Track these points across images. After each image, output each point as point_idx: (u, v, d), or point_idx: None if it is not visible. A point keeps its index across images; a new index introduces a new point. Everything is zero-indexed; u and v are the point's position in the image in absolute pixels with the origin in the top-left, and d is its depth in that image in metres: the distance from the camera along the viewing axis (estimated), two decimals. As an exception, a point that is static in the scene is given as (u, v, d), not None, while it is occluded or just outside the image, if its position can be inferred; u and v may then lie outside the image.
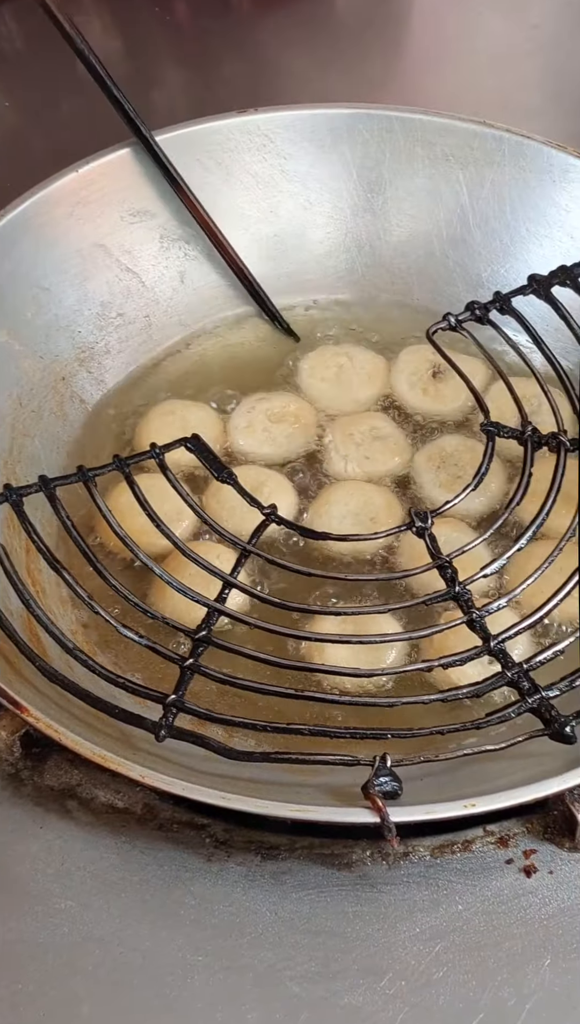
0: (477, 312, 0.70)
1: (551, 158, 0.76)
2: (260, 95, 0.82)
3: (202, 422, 0.70)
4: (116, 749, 0.51)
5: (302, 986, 0.48)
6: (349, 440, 0.70)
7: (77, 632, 0.61)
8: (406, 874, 0.52)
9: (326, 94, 0.96)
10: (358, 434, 0.70)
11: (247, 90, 0.96)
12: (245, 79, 0.99)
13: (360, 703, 0.55)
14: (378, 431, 0.71)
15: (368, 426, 0.71)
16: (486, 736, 0.54)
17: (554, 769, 0.51)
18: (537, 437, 0.64)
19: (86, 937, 0.50)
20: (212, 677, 0.54)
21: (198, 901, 0.51)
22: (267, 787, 0.52)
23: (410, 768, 0.50)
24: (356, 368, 0.74)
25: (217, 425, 0.71)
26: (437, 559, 0.58)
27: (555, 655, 0.55)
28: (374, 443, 0.70)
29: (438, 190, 0.79)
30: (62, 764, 0.55)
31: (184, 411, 0.71)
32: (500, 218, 0.78)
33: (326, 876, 0.52)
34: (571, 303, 0.70)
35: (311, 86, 0.99)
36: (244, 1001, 0.48)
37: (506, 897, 0.51)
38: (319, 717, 0.57)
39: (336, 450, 0.70)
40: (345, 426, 0.71)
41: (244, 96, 0.83)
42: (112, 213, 0.75)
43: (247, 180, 0.78)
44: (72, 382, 0.72)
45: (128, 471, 0.61)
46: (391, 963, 0.49)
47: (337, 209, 0.80)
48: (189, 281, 0.77)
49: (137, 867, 0.52)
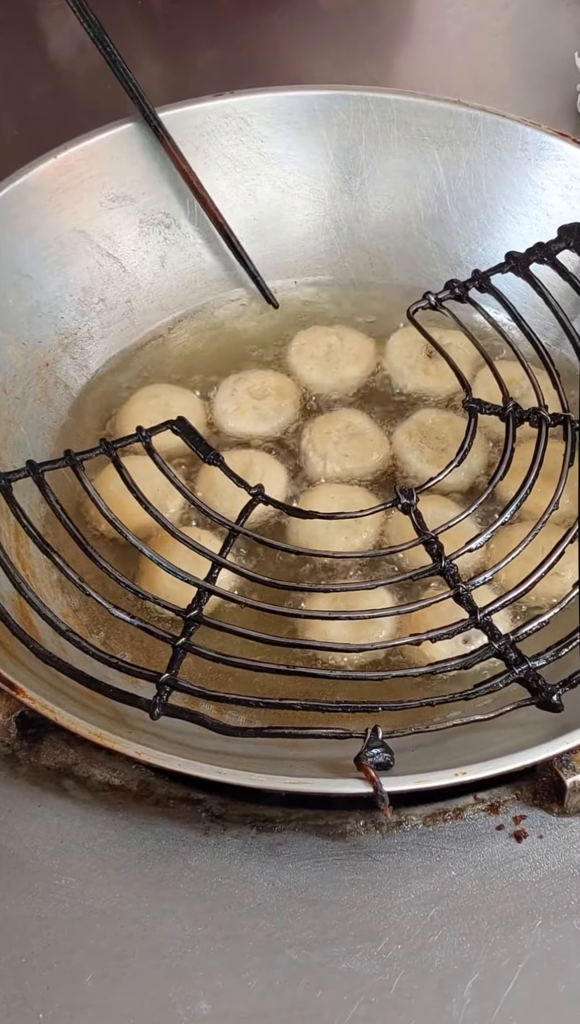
0: (456, 291, 0.71)
1: (526, 136, 0.77)
2: (235, 79, 0.82)
3: (185, 408, 0.70)
4: (111, 728, 0.52)
5: (301, 953, 0.49)
6: (326, 439, 0.70)
7: (68, 615, 0.62)
8: (399, 842, 0.53)
9: (300, 76, 0.96)
10: (335, 432, 0.70)
11: (222, 74, 0.96)
12: (220, 64, 0.99)
13: (350, 677, 0.56)
14: (354, 427, 0.71)
15: (344, 423, 0.71)
16: (475, 707, 0.55)
17: (542, 737, 0.52)
18: (519, 413, 0.65)
19: (87, 911, 0.51)
20: (204, 655, 0.54)
21: (196, 874, 0.52)
22: (261, 761, 0.53)
23: (401, 739, 0.51)
24: (345, 348, 0.75)
25: (201, 410, 0.72)
26: (423, 535, 0.59)
27: (540, 626, 0.56)
28: (352, 440, 0.70)
29: (415, 170, 0.79)
30: (58, 744, 0.56)
31: (169, 395, 0.72)
32: (477, 197, 0.78)
33: (321, 846, 0.53)
34: (549, 280, 0.71)
35: (285, 69, 0.99)
36: (244, 969, 0.49)
37: (498, 862, 0.52)
38: (310, 692, 0.58)
39: (314, 450, 0.70)
40: (322, 424, 0.71)
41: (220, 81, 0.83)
42: (91, 199, 0.75)
43: (225, 164, 0.79)
44: (56, 368, 0.73)
45: (115, 454, 0.61)
46: (387, 928, 0.50)
47: (315, 191, 0.80)
48: (170, 265, 0.78)
49: (135, 843, 0.53)
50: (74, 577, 0.56)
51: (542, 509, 0.60)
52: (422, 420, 0.71)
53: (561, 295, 0.71)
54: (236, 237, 0.77)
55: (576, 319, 0.70)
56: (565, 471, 0.62)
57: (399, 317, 0.72)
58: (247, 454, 0.70)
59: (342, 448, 0.69)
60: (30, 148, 0.74)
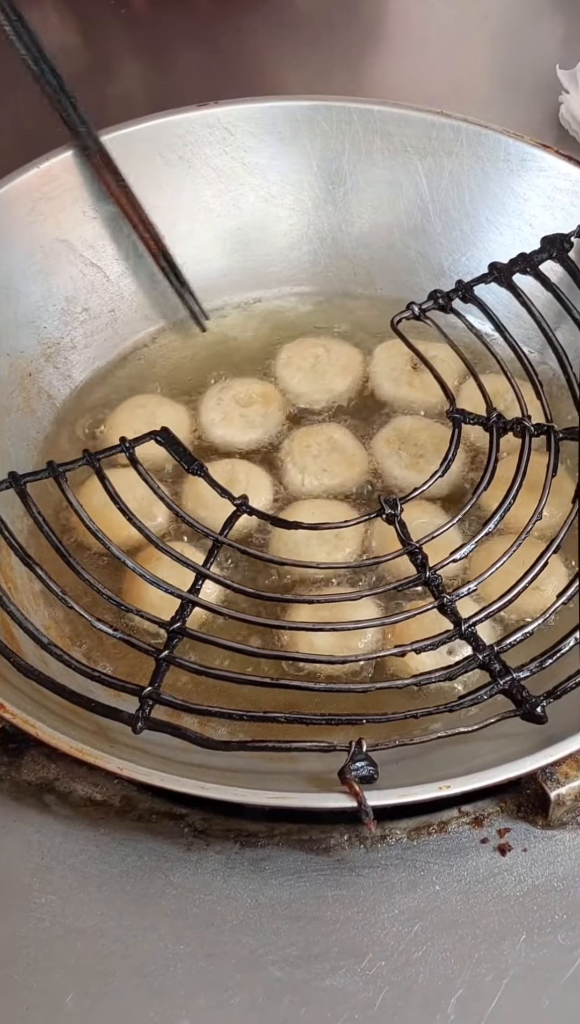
0: (440, 301, 0.71)
1: (508, 147, 0.77)
2: (218, 88, 0.82)
3: (171, 419, 0.70)
4: (93, 742, 0.51)
5: (284, 970, 0.49)
6: (306, 452, 0.69)
7: (51, 627, 0.61)
8: (384, 857, 0.52)
9: (283, 86, 0.96)
10: (315, 446, 0.70)
11: (205, 83, 0.96)
12: (203, 72, 0.99)
13: (335, 689, 0.55)
14: (335, 442, 0.70)
15: (325, 436, 0.70)
16: (459, 718, 0.55)
17: (526, 749, 0.52)
18: (502, 423, 0.65)
19: (68, 930, 0.50)
20: (187, 668, 0.54)
21: (178, 891, 0.51)
22: (244, 775, 0.53)
23: (385, 752, 0.51)
24: (332, 360, 0.74)
25: (187, 421, 0.72)
26: (407, 545, 0.59)
27: (525, 636, 0.56)
28: (332, 455, 0.69)
29: (398, 181, 0.79)
30: (39, 759, 0.55)
31: (155, 406, 0.72)
32: (460, 207, 0.79)
33: (305, 861, 0.52)
34: (532, 290, 0.71)
35: (268, 78, 0.99)
36: (227, 987, 0.49)
37: (482, 876, 0.52)
38: (294, 705, 0.58)
39: (293, 463, 0.69)
40: (302, 437, 0.70)
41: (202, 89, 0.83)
42: (74, 208, 0.75)
43: (209, 174, 0.78)
44: (39, 378, 0.72)
45: (98, 465, 0.61)
46: (371, 944, 0.50)
47: (299, 201, 0.80)
48: (154, 275, 0.77)
49: (117, 859, 0.52)
50: (56, 589, 0.56)
51: (526, 519, 0.60)
52: (400, 427, 0.71)
53: (544, 305, 0.71)
54: (172, 260, 0.76)
55: (559, 329, 0.70)
56: (548, 481, 0.62)
57: (383, 327, 0.72)
58: (230, 463, 0.69)
59: (322, 462, 0.69)
60: (13, 159, 0.73)
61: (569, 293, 0.71)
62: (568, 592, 0.57)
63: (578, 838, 0.53)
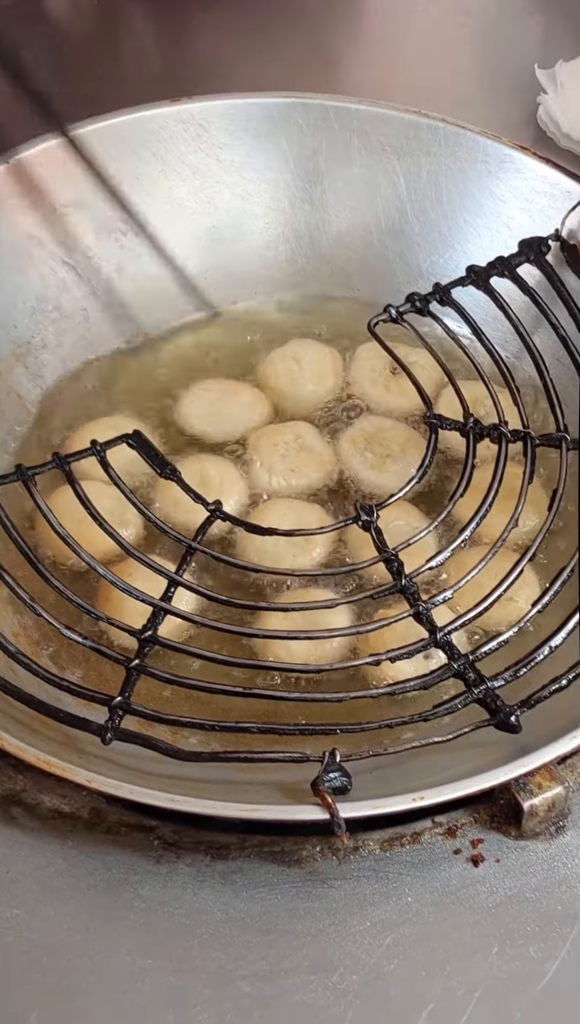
0: (417, 304, 0.70)
1: (487, 148, 0.76)
2: (193, 83, 0.81)
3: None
4: (61, 753, 0.50)
5: (253, 985, 0.48)
6: (273, 451, 0.68)
7: (19, 634, 0.60)
8: (356, 868, 0.52)
9: (259, 82, 0.95)
10: (282, 444, 0.69)
11: (179, 78, 0.95)
12: (177, 66, 0.98)
13: (309, 699, 0.54)
14: (303, 441, 0.69)
15: (293, 435, 0.69)
16: (433, 728, 0.55)
17: (500, 759, 0.51)
18: (479, 429, 0.64)
19: (33, 945, 0.49)
20: (158, 677, 0.53)
21: (147, 904, 0.50)
22: (216, 786, 0.52)
23: (359, 762, 0.50)
24: (313, 363, 0.73)
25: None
26: (383, 552, 0.58)
27: (499, 645, 0.56)
28: (299, 454, 0.69)
29: (375, 180, 0.78)
30: (5, 769, 0.54)
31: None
32: (438, 208, 0.78)
33: (276, 873, 0.51)
34: (509, 294, 0.71)
35: (243, 74, 0.97)
36: (195, 1003, 0.48)
37: (454, 887, 0.51)
38: (268, 714, 0.57)
39: (260, 462, 0.68)
40: (270, 435, 0.69)
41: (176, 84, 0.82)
42: (45, 204, 0.73)
43: (183, 171, 0.77)
44: (8, 377, 0.71)
45: (68, 468, 0.60)
46: (342, 958, 0.49)
47: (275, 199, 0.79)
48: (126, 273, 0.76)
49: (85, 872, 0.51)
50: (25, 597, 0.55)
51: (502, 526, 0.59)
52: (365, 427, 0.71)
53: (521, 309, 0.71)
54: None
55: (536, 334, 0.70)
56: (524, 489, 0.62)
57: (361, 329, 0.71)
58: (199, 461, 0.68)
59: (289, 462, 0.68)
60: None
61: (546, 297, 0.71)
62: (543, 600, 0.57)
63: (551, 849, 0.53)
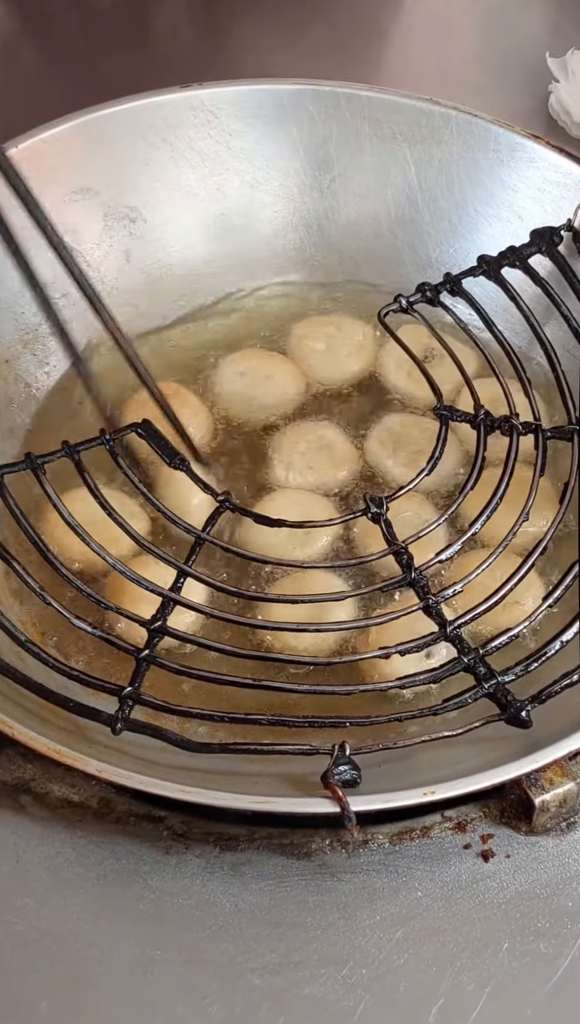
0: (428, 294, 0.70)
1: (499, 137, 0.76)
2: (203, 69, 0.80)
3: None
4: (71, 743, 0.50)
5: (263, 978, 0.48)
6: (294, 449, 0.68)
7: (27, 624, 0.60)
8: (365, 862, 0.52)
9: (269, 69, 0.94)
10: (304, 443, 0.68)
11: (189, 64, 0.94)
12: (187, 53, 0.97)
13: (318, 691, 0.54)
14: (326, 440, 0.68)
15: (317, 435, 0.69)
16: (443, 722, 0.54)
17: (510, 754, 0.51)
18: (490, 421, 0.64)
19: (43, 934, 0.49)
20: (168, 668, 0.53)
21: (157, 895, 0.50)
22: (225, 777, 0.52)
23: (368, 756, 0.50)
24: (345, 338, 0.72)
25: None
26: (392, 545, 0.58)
27: (510, 639, 0.55)
28: (319, 452, 0.68)
29: (386, 169, 0.78)
30: (15, 758, 0.54)
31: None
32: (448, 198, 0.77)
33: (285, 866, 0.51)
34: (520, 284, 0.70)
35: (252, 61, 0.97)
36: (205, 994, 0.48)
37: (464, 882, 0.51)
38: (276, 706, 0.57)
39: (279, 459, 0.68)
40: (292, 433, 0.69)
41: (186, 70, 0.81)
42: (53, 191, 0.72)
43: (193, 157, 0.77)
44: (16, 365, 0.70)
45: (77, 458, 0.60)
46: (352, 952, 0.49)
47: (284, 187, 0.78)
48: (135, 260, 0.76)
49: (94, 862, 0.51)
50: (35, 586, 0.55)
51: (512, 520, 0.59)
52: (390, 426, 0.70)
53: (533, 300, 0.70)
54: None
55: (547, 325, 0.69)
56: (535, 481, 0.62)
57: (371, 320, 0.71)
58: None
59: (308, 459, 0.67)
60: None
61: (558, 288, 0.70)
62: (555, 594, 0.57)
63: (562, 845, 0.52)
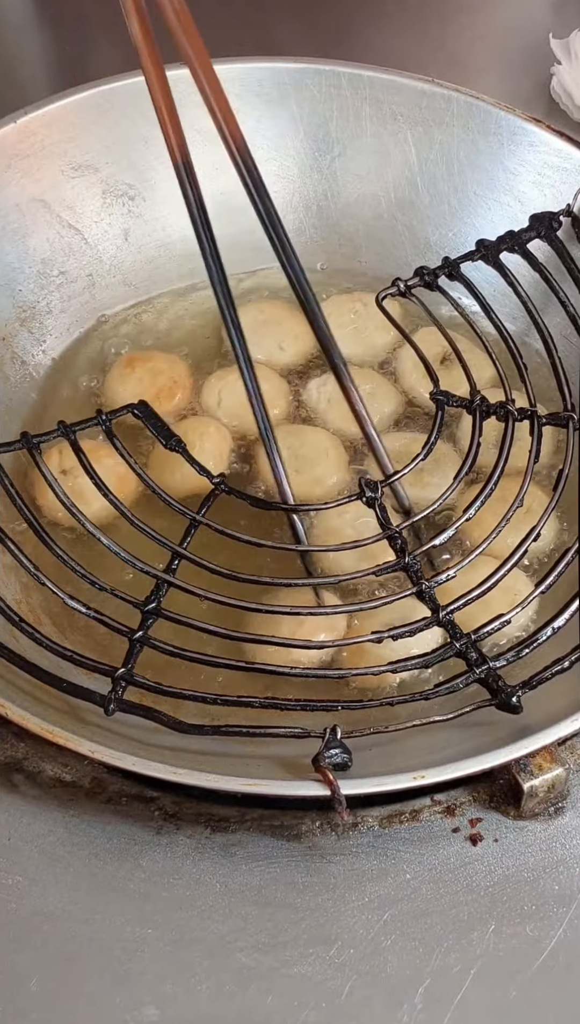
0: (426, 278, 0.70)
1: (500, 120, 0.75)
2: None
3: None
4: (63, 722, 0.50)
5: (252, 957, 0.49)
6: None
7: (21, 602, 0.60)
8: (355, 844, 0.52)
9: (270, 47, 0.94)
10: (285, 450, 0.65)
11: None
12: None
13: (310, 675, 0.55)
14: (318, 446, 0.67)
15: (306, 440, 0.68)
16: (434, 706, 0.55)
17: (500, 739, 0.51)
18: (485, 406, 0.64)
19: (34, 912, 0.50)
20: (162, 650, 0.53)
21: (147, 874, 0.51)
22: (217, 759, 0.52)
23: (359, 739, 0.51)
24: (370, 314, 0.72)
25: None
26: (386, 529, 0.58)
27: (502, 625, 0.56)
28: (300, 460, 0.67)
29: (386, 150, 0.77)
30: (7, 737, 0.54)
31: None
32: (448, 180, 0.77)
33: (276, 847, 0.52)
34: (518, 269, 0.70)
35: (255, 38, 0.96)
36: (194, 973, 0.48)
37: (453, 865, 0.52)
38: (268, 689, 0.57)
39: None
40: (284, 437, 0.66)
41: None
42: (52, 166, 0.72)
43: (192, 135, 0.75)
44: (12, 343, 0.70)
45: (74, 438, 0.60)
46: (340, 932, 0.49)
47: (284, 168, 0.78)
48: (133, 239, 0.75)
49: (85, 841, 0.52)
50: (29, 565, 0.55)
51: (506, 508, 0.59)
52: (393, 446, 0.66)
53: (531, 285, 0.70)
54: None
55: (545, 311, 0.69)
56: (530, 467, 0.62)
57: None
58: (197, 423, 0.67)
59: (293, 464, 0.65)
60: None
61: (556, 273, 0.70)
62: (547, 581, 0.57)
63: (549, 829, 0.53)
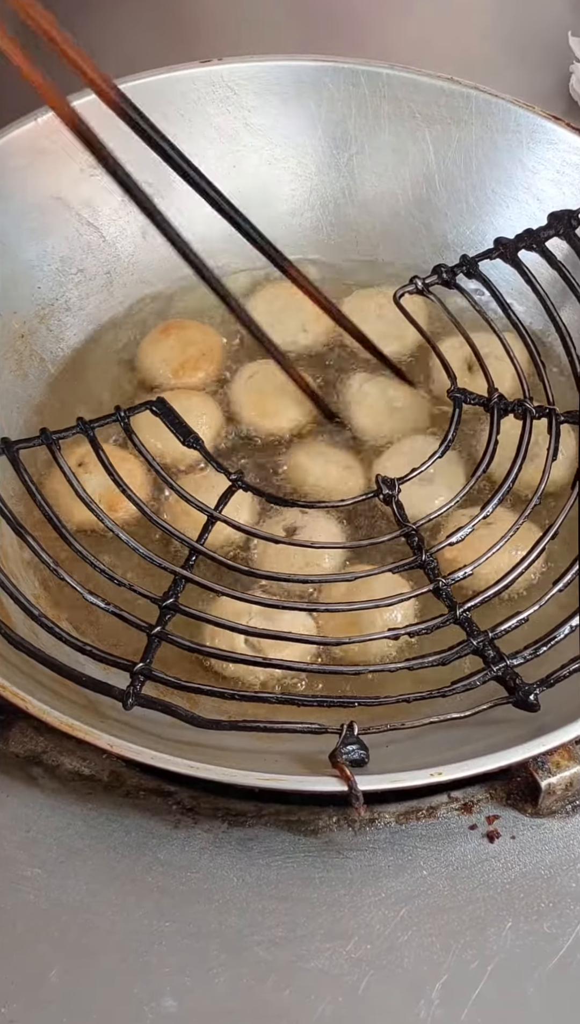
0: (444, 276, 0.70)
1: (519, 118, 0.75)
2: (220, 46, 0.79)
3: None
4: (82, 716, 0.51)
5: (269, 951, 0.49)
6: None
7: (40, 597, 0.60)
8: (372, 840, 0.52)
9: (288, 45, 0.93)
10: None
11: (207, 40, 0.94)
12: (204, 28, 0.96)
13: (327, 671, 0.55)
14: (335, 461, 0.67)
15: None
16: (451, 703, 0.55)
17: (518, 736, 0.51)
18: (503, 404, 0.64)
19: (53, 904, 0.50)
20: (180, 645, 0.53)
21: (165, 868, 0.51)
22: (234, 754, 0.52)
23: (376, 736, 0.51)
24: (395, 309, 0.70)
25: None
26: (403, 527, 0.58)
27: (519, 623, 0.56)
28: None
29: (404, 148, 0.77)
30: (27, 731, 0.55)
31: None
32: (466, 178, 0.77)
33: (292, 842, 0.52)
34: (537, 267, 0.70)
35: (273, 36, 0.96)
36: (211, 966, 0.49)
37: (469, 862, 0.52)
38: (285, 685, 0.57)
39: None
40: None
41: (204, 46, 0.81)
42: (72, 164, 0.72)
43: (211, 133, 0.76)
44: (31, 340, 0.71)
45: (92, 434, 0.60)
46: (357, 927, 0.50)
47: (302, 165, 0.78)
48: (151, 237, 0.75)
49: (104, 834, 0.52)
50: (49, 561, 0.55)
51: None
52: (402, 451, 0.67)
53: (549, 283, 0.70)
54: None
55: (563, 309, 0.69)
56: (548, 465, 0.62)
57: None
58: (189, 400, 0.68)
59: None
60: (9, 110, 0.71)
61: (575, 271, 0.70)
62: (565, 578, 0.57)
63: (566, 827, 0.53)
